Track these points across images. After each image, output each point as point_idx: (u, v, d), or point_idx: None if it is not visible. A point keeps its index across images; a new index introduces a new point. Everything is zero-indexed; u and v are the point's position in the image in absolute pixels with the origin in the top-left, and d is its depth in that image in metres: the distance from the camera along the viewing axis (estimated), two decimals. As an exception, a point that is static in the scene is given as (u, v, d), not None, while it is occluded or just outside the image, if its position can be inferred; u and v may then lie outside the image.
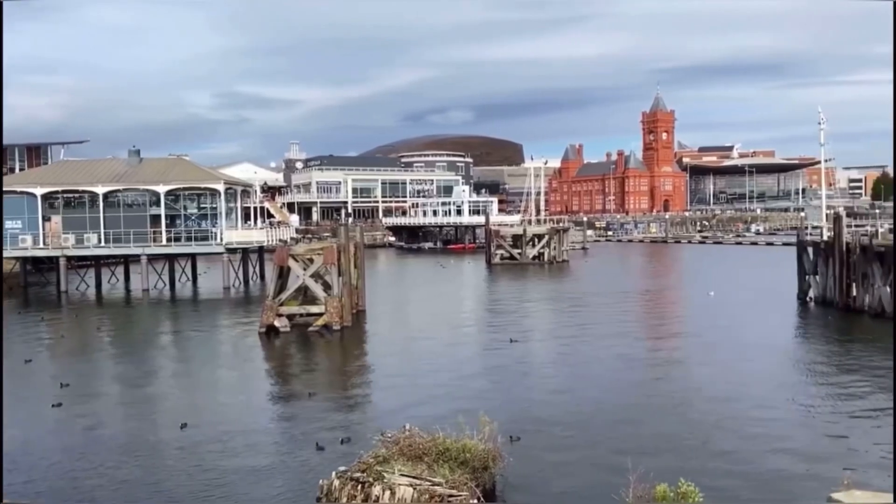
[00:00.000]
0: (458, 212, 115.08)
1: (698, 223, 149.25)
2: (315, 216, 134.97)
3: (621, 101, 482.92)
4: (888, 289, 36.25)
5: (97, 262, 61.10)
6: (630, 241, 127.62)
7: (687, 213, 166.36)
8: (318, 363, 30.99)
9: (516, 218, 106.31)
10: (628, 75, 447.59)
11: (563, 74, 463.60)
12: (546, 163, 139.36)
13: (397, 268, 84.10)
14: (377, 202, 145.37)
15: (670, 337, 34.92)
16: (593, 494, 14.67)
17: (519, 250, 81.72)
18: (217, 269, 59.17)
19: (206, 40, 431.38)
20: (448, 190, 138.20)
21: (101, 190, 57.78)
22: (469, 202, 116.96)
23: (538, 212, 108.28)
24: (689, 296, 50.56)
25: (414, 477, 13.37)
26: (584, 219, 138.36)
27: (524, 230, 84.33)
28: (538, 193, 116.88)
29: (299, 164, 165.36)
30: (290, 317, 36.16)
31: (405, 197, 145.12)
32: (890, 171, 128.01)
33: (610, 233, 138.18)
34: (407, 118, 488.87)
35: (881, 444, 17.79)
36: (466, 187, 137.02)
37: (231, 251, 58.37)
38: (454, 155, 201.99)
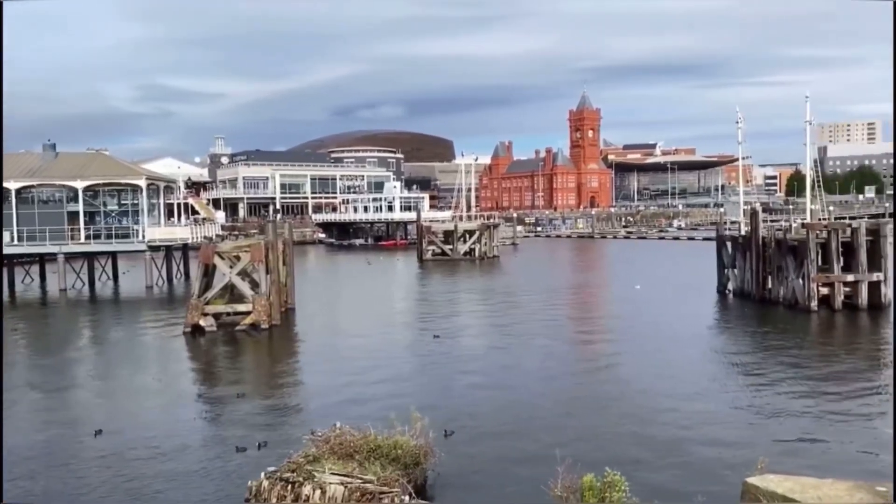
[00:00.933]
0: (390, 208, 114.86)
1: (623, 219, 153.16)
2: (242, 212, 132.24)
3: (550, 99, 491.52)
4: (801, 281, 38.04)
5: (10, 262, 58.29)
6: (558, 236, 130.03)
7: (612, 209, 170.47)
8: (246, 363, 30.43)
9: (447, 214, 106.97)
10: (556, 74, 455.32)
11: (493, 72, 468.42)
12: (476, 159, 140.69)
13: (328, 265, 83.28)
14: (306, 198, 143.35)
15: (598, 330, 35.77)
16: (523, 486, 14.89)
17: (450, 246, 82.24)
18: (139, 267, 57.31)
19: (125, 30, 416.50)
20: (379, 186, 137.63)
21: (13, 185, 55.11)
22: (400, 198, 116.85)
23: (469, 208, 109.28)
24: (616, 289, 51.84)
25: (345, 475, 13.28)
26: (514, 215, 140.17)
27: (455, 226, 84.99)
28: (469, 190, 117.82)
29: (225, 159, 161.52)
30: (217, 316, 35.35)
31: (335, 193, 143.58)
32: (802, 168, 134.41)
33: (539, 229, 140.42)
34: (336, 113, 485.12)
35: (794, 428, 18.72)
36: (397, 183, 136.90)
37: (154, 249, 56.66)
38: (385, 151, 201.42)
